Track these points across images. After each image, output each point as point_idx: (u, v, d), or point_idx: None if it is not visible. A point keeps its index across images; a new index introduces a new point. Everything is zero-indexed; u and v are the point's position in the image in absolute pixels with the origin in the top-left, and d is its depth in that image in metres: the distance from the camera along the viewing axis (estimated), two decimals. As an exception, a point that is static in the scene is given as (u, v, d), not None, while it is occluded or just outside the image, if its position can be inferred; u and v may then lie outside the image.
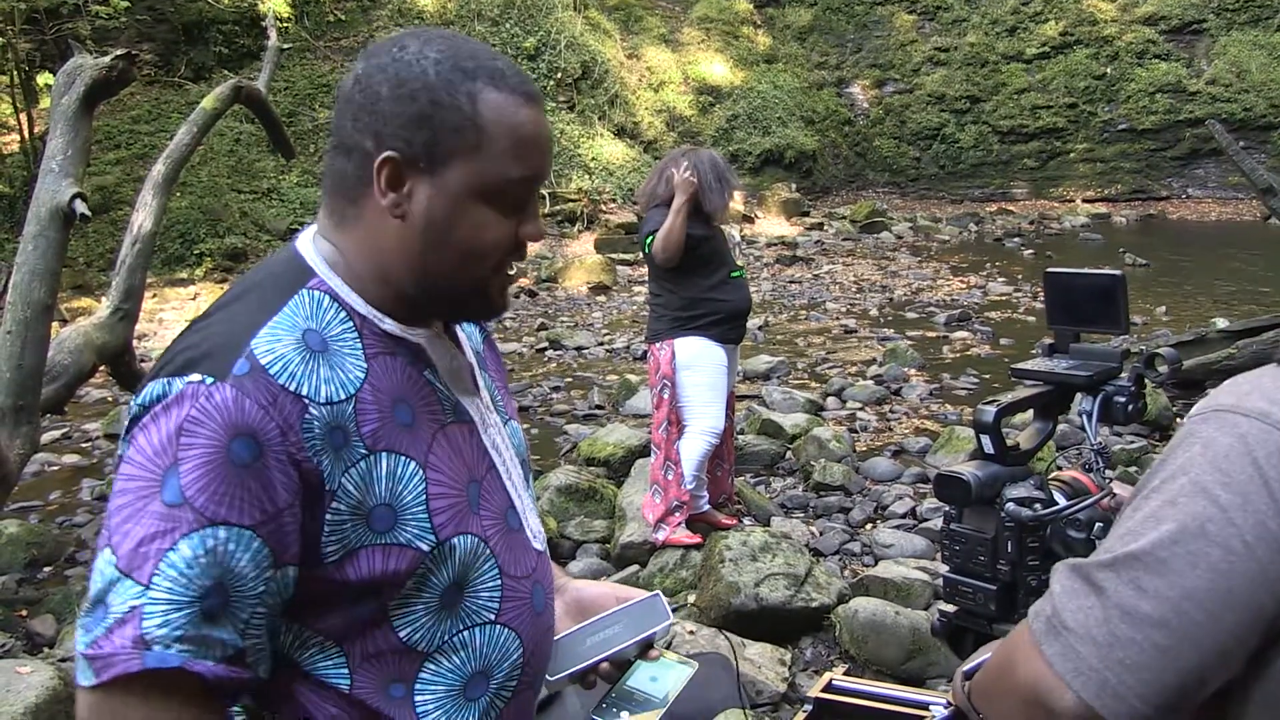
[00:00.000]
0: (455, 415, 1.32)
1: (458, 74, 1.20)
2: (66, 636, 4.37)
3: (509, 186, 1.22)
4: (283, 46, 12.87)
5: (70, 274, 13.75)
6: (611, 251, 16.86)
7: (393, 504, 1.19)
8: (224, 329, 1.17)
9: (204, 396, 1.09)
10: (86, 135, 5.55)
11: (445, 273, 1.24)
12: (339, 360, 1.19)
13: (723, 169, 4.90)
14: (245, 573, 1.08)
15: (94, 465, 7.40)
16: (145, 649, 1.03)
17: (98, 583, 1.06)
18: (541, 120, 1.26)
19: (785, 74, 24.85)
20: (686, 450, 4.82)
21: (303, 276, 1.25)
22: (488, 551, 1.29)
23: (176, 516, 1.05)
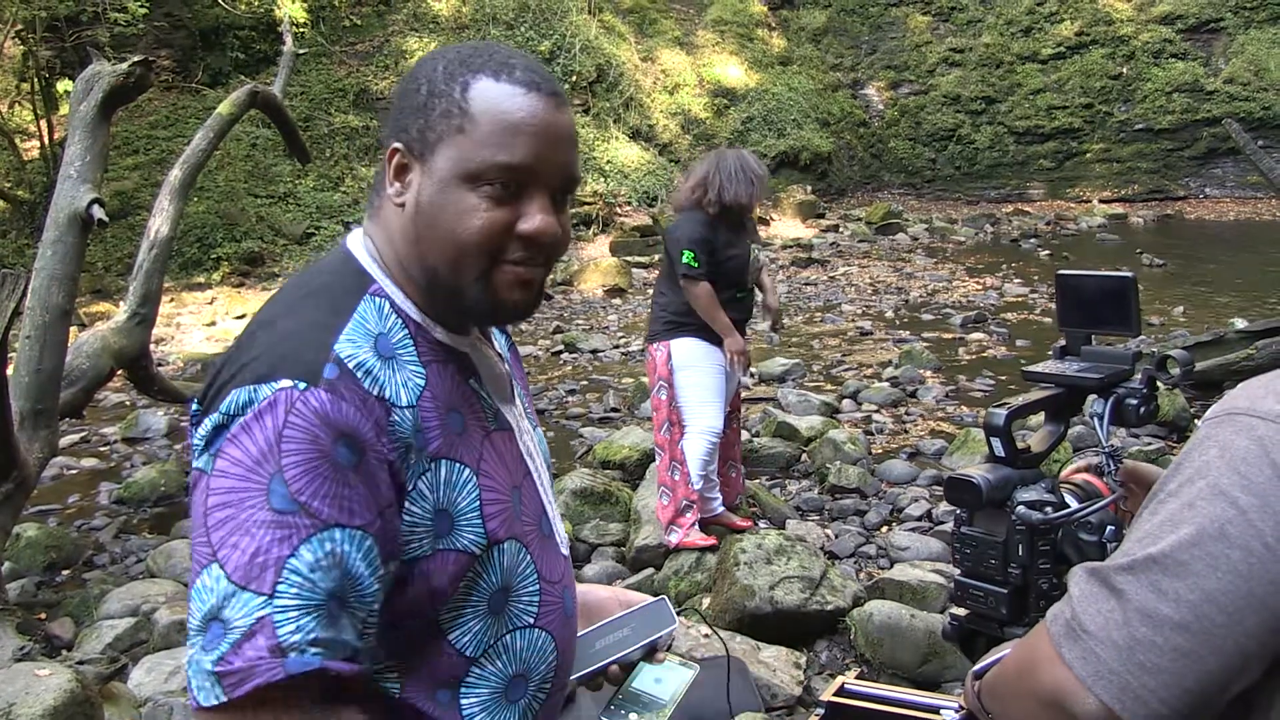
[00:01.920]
0: (497, 423, 1.33)
1: (461, 67, 1.23)
2: (84, 640, 4.40)
3: (494, 172, 1.20)
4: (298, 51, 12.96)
5: (88, 279, 13.85)
6: (627, 254, 16.87)
7: (450, 510, 1.20)
8: (299, 332, 1.16)
9: (300, 401, 1.08)
10: (104, 141, 5.59)
11: (441, 263, 1.23)
12: (402, 367, 1.20)
13: (749, 162, 4.89)
14: (361, 573, 1.09)
15: (112, 469, 7.44)
16: (284, 656, 1.01)
17: (208, 600, 1.04)
18: (544, 112, 1.23)
19: (800, 76, 24.82)
20: (689, 450, 4.82)
21: (363, 281, 1.26)
22: (528, 557, 1.31)
23: (292, 523, 1.05)
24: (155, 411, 8.48)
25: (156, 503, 6.48)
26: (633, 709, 1.43)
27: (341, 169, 18.12)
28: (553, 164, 1.24)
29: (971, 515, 1.49)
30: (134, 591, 4.82)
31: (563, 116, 1.25)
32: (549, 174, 1.24)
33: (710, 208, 4.78)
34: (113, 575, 5.34)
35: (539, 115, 1.22)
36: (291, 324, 1.18)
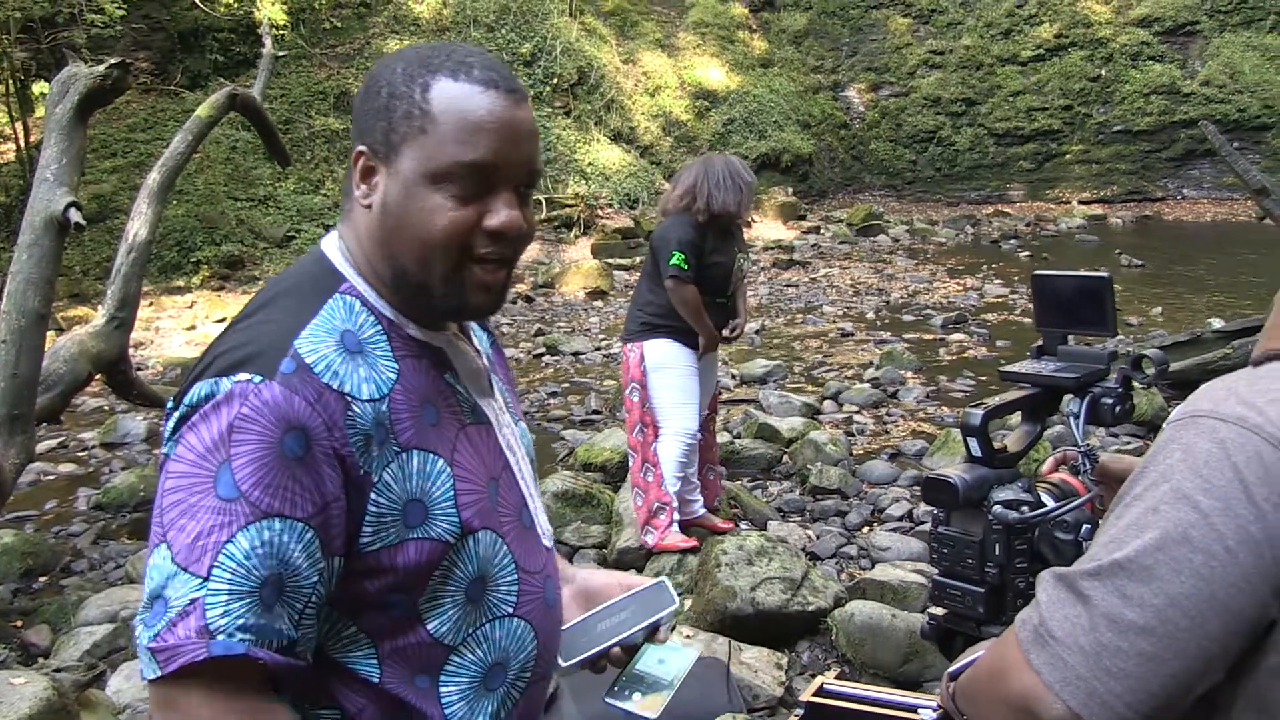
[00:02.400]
0: (474, 416, 1.38)
1: (420, 68, 1.26)
2: (62, 647, 4.36)
3: (457, 170, 1.23)
4: (278, 54, 12.92)
5: (66, 282, 13.75)
6: (608, 256, 16.85)
7: (424, 499, 1.24)
8: (266, 330, 1.21)
9: (254, 394, 1.13)
10: (81, 144, 5.56)
11: (409, 262, 1.27)
12: (373, 361, 1.25)
13: (738, 170, 4.89)
14: (299, 564, 1.13)
15: (90, 474, 7.39)
16: (210, 639, 1.07)
17: (155, 579, 1.10)
18: (503, 109, 1.25)
19: (781, 78, 24.87)
20: (663, 452, 4.81)
21: (334, 281, 1.30)
22: (506, 547, 1.34)
23: (232, 510, 1.10)
24: (134, 416, 8.43)
25: (136, 508, 6.42)
26: (637, 689, 1.46)
27: (322, 172, 18.05)
28: (515, 160, 1.26)
29: (948, 515, 1.49)
30: (113, 597, 4.78)
31: (522, 113, 1.27)
32: (512, 170, 1.27)
33: (699, 215, 4.77)
34: (91, 581, 5.30)
35: (499, 113, 1.25)
36: (260, 322, 1.24)
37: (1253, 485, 0.95)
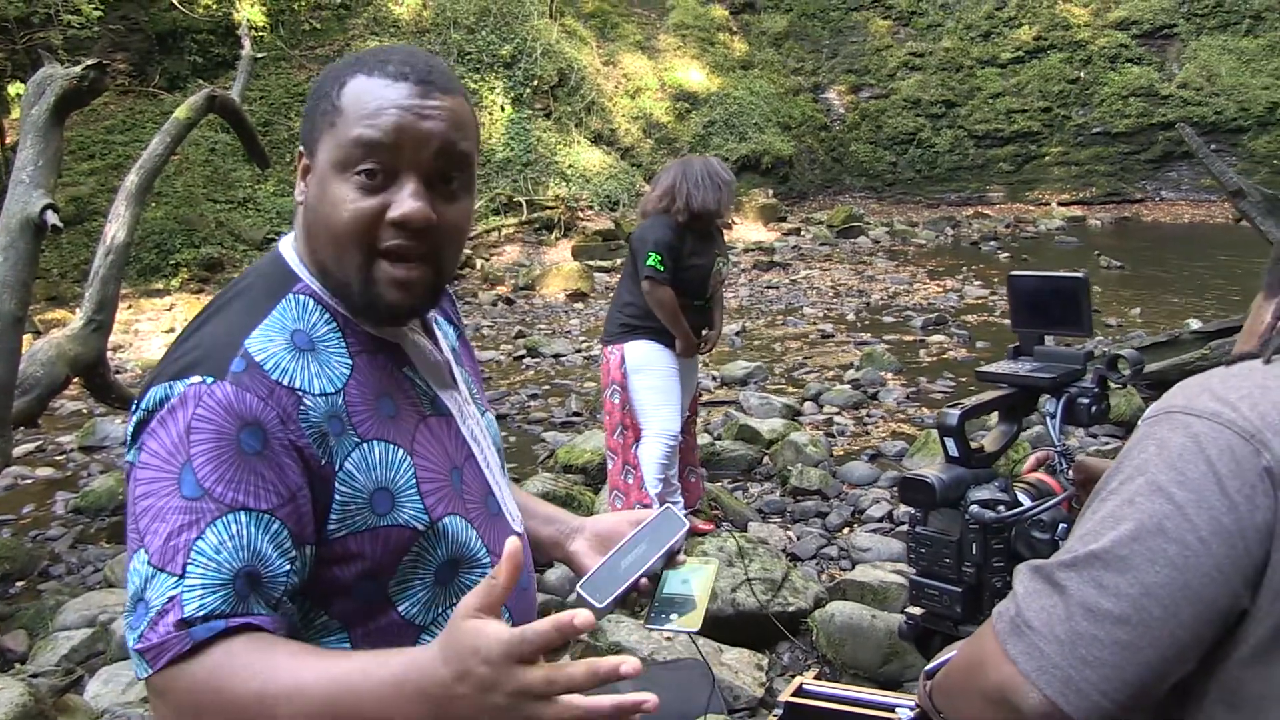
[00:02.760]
0: (434, 408, 1.40)
1: (344, 69, 1.31)
2: (39, 652, 4.33)
3: (358, 157, 1.25)
4: (257, 55, 12.85)
5: (44, 285, 13.66)
6: (589, 258, 16.85)
7: (389, 488, 1.27)
8: (218, 332, 1.25)
9: (207, 395, 1.17)
10: (58, 145, 5.52)
11: (326, 256, 1.30)
12: (325, 358, 1.28)
13: (716, 169, 4.90)
14: (269, 554, 1.16)
15: (68, 478, 7.34)
16: (189, 628, 1.09)
17: (135, 582, 1.13)
18: (406, 97, 1.25)
19: (761, 80, 24.92)
20: (644, 454, 4.81)
21: (288, 281, 1.33)
22: (474, 533, 1.37)
23: (198, 508, 1.13)
24: (113, 419, 8.37)
25: (114, 511, 6.38)
26: (672, 612, 1.50)
27: (302, 174, 17.99)
28: (418, 143, 1.26)
29: (926, 515, 1.50)
30: (91, 602, 4.75)
31: (431, 100, 1.27)
32: (415, 154, 1.26)
33: (679, 215, 4.78)
34: (69, 586, 5.26)
35: (400, 99, 1.26)
36: (214, 325, 1.27)
37: (1225, 478, 0.97)
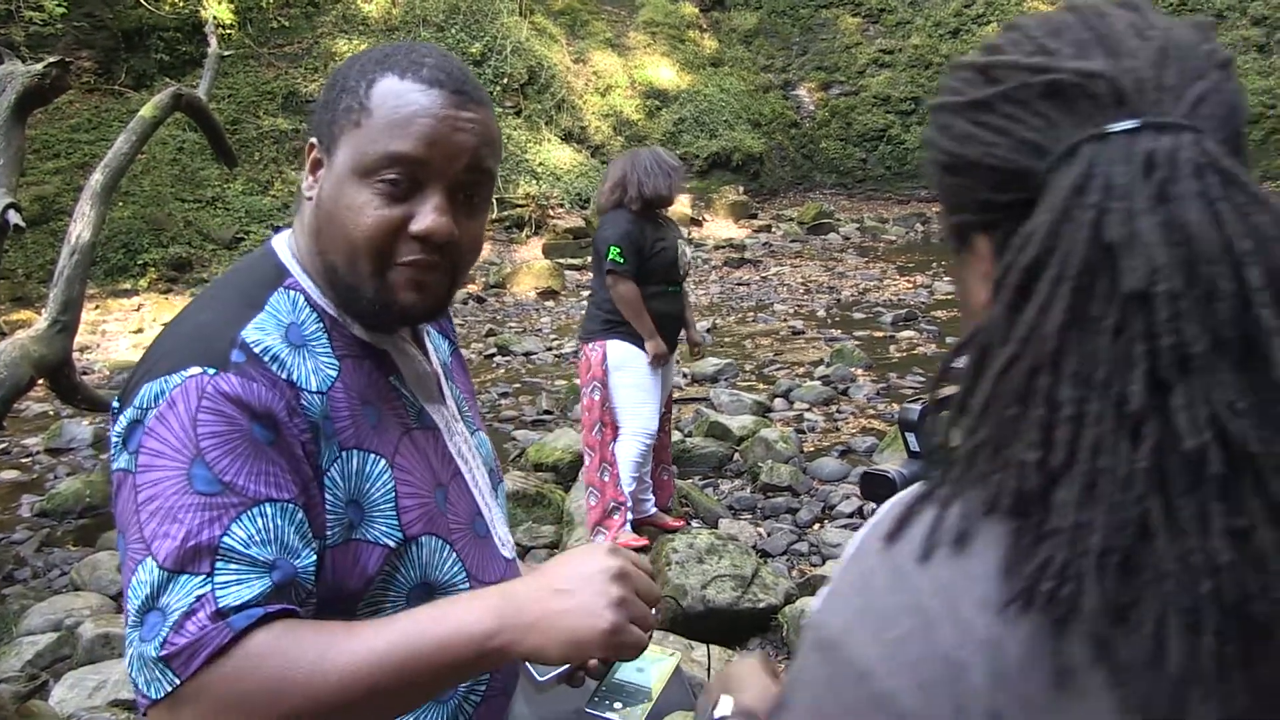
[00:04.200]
0: (420, 421, 1.34)
1: (374, 65, 1.24)
2: (3, 657, 4.29)
3: (384, 163, 1.19)
4: (224, 53, 12.76)
5: (9, 286, 13.53)
6: (560, 256, 16.85)
7: (361, 501, 1.20)
8: (210, 326, 1.17)
9: (210, 386, 1.09)
10: (19, 144, 5.48)
11: (338, 259, 1.24)
12: (314, 357, 1.21)
13: (663, 157, 4.92)
14: (297, 545, 1.09)
15: (34, 480, 7.27)
16: (227, 618, 0.99)
17: (142, 592, 1.01)
18: (441, 107, 1.21)
19: (732, 77, 24.97)
20: (621, 453, 4.83)
21: (278, 276, 1.27)
22: (455, 556, 1.30)
23: (220, 503, 1.04)
24: (79, 421, 8.30)
25: (81, 514, 6.34)
26: (617, 699, 1.43)
27: (270, 172, 17.87)
28: (448, 156, 1.21)
29: (886, 510, 1.51)
30: (57, 605, 4.72)
31: (465, 112, 1.23)
32: (444, 167, 1.22)
33: (632, 205, 4.79)
34: (34, 589, 5.22)
35: (434, 109, 1.21)
36: (204, 317, 1.20)
37: None
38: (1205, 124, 0.72)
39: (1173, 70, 0.74)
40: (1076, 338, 0.69)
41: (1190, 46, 0.76)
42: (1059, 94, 0.75)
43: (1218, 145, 0.71)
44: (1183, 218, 0.68)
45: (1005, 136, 0.77)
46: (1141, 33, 0.76)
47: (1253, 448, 0.65)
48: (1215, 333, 0.66)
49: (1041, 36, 0.80)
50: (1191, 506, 0.65)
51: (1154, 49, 0.75)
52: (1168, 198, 0.69)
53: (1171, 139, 0.70)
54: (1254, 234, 0.67)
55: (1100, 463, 0.67)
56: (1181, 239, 0.67)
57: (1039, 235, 0.72)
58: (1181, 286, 0.66)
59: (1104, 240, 0.69)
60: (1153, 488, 0.66)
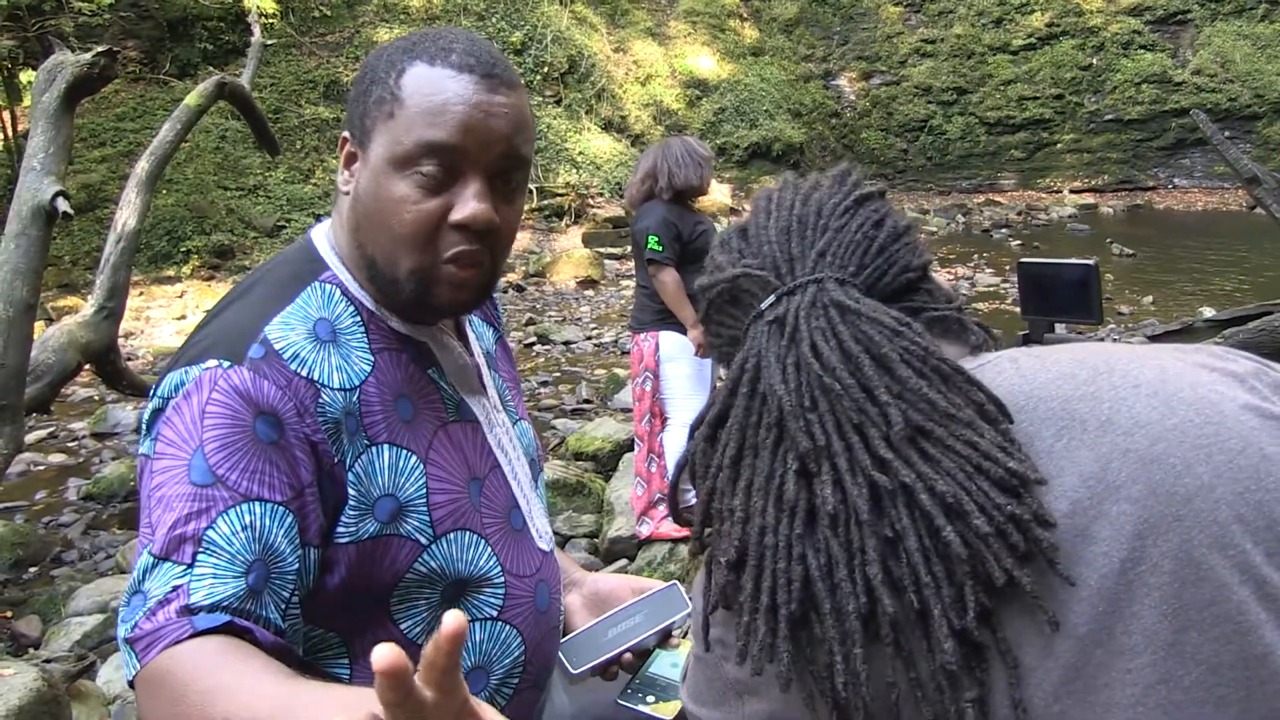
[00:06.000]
0: (458, 415, 1.33)
1: (402, 53, 1.22)
2: (52, 638, 4.36)
3: (420, 153, 1.18)
4: (267, 42, 12.84)
5: (56, 272, 13.70)
6: (599, 245, 16.84)
7: (396, 495, 1.20)
8: (238, 317, 1.19)
9: (222, 379, 1.11)
10: (68, 133, 5.53)
11: (378, 254, 1.23)
12: (346, 352, 1.21)
13: (694, 146, 4.89)
14: (282, 548, 1.08)
15: (80, 465, 7.37)
16: (192, 616, 1.00)
17: (135, 575, 1.04)
18: (474, 92, 1.19)
19: (772, 67, 24.84)
20: (670, 443, 4.82)
21: (316, 269, 1.27)
22: (489, 549, 1.29)
23: (210, 495, 1.05)
24: (124, 406, 8.40)
25: (126, 498, 6.41)
26: (650, 692, 1.44)
27: (312, 161, 17.99)
28: (485, 143, 1.20)
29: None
30: (103, 588, 4.78)
31: (499, 96, 1.21)
32: (481, 154, 1.20)
33: (663, 195, 4.77)
34: (81, 572, 5.29)
35: (468, 95, 1.19)
36: (235, 311, 1.21)
37: None
38: (829, 270, 0.95)
39: (795, 242, 0.98)
40: (748, 462, 0.92)
41: (814, 211, 1.01)
42: (731, 297, 1.00)
43: (838, 284, 0.94)
44: (805, 354, 0.89)
45: (719, 334, 1.04)
46: (773, 222, 1.02)
47: (906, 482, 0.83)
48: (846, 424, 0.86)
49: (714, 259, 1.05)
50: (840, 548, 0.85)
51: (780, 230, 1.00)
52: (796, 341, 0.91)
53: (799, 297, 0.94)
54: (862, 340, 0.89)
55: (765, 542, 0.88)
56: (806, 369, 0.89)
57: (720, 396, 0.96)
58: (807, 403, 0.88)
59: (758, 391, 0.92)
60: (808, 547, 0.86)
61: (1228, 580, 0.80)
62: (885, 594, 0.83)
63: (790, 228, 1.00)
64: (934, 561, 0.82)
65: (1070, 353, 0.96)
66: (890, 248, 1.00)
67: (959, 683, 0.82)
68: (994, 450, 0.84)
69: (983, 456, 0.84)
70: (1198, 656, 0.79)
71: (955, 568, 0.82)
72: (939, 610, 0.82)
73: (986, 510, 0.82)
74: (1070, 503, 0.84)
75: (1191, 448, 0.84)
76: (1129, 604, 0.80)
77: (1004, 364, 0.97)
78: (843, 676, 0.84)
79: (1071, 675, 0.81)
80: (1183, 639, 0.80)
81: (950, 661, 0.81)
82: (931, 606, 0.82)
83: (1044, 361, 0.95)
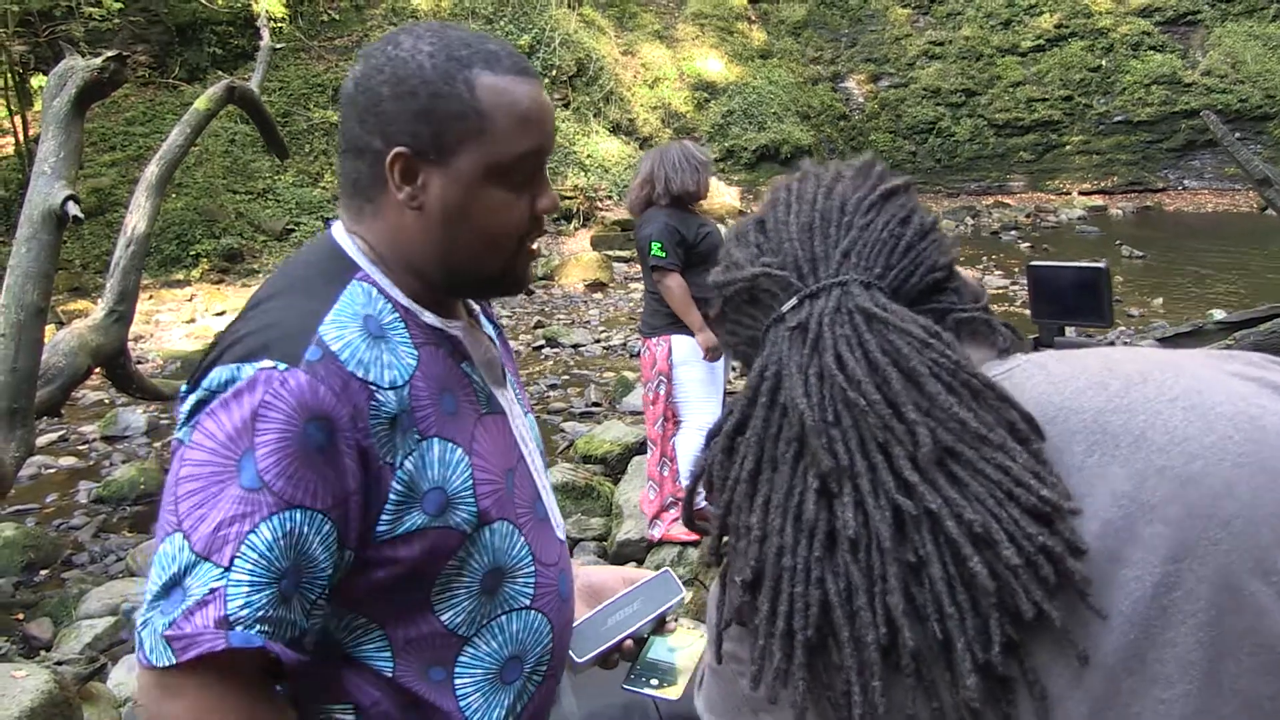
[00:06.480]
0: (490, 406, 1.36)
1: (453, 63, 1.23)
2: (63, 640, 4.37)
3: (516, 164, 1.25)
4: (276, 46, 12.89)
5: (67, 276, 13.75)
6: (608, 248, 16.84)
7: (444, 488, 1.22)
8: (288, 315, 1.19)
9: (278, 382, 1.11)
10: (78, 137, 5.55)
11: (470, 257, 1.28)
12: (394, 348, 1.23)
13: (690, 151, 4.88)
14: (317, 555, 1.12)
15: (91, 468, 7.40)
16: (229, 629, 1.05)
17: (170, 568, 1.07)
18: (538, 94, 1.28)
19: (780, 69, 24.83)
20: (683, 446, 4.82)
21: (349, 268, 1.27)
22: (523, 539, 1.33)
23: (255, 500, 1.07)
24: (134, 409, 8.43)
25: (136, 501, 6.44)
26: (652, 676, 1.49)
27: (321, 164, 18.03)
28: (550, 141, 1.31)
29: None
30: (113, 590, 4.79)
31: (544, 92, 1.31)
32: (549, 148, 1.32)
33: (660, 200, 4.77)
34: (92, 574, 5.31)
35: (538, 99, 1.28)
36: (280, 306, 1.21)
37: None
38: (854, 271, 0.92)
39: (818, 240, 0.94)
40: (767, 476, 0.89)
41: (837, 207, 0.96)
42: (750, 297, 0.96)
43: (863, 287, 0.90)
44: (829, 364, 0.86)
45: (736, 333, 1.00)
46: (793, 217, 0.97)
47: (931, 508, 0.80)
48: (870, 442, 0.83)
49: (730, 254, 1.01)
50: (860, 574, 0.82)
51: (802, 226, 0.96)
52: (820, 350, 0.87)
53: (822, 301, 0.90)
54: (889, 351, 0.85)
55: (783, 564, 0.85)
56: (829, 380, 0.85)
57: (739, 404, 0.93)
58: (829, 419, 0.85)
59: (778, 402, 0.88)
60: (827, 571, 0.84)
61: (1269, 607, 0.76)
62: (907, 624, 0.80)
63: (813, 224, 0.96)
64: (959, 591, 0.79)
65: (1102, 359, 0.91)
66: (917, 246, 0.96)
67: (983, 716, 0.80)
68: (1026, 476, 0.80)
69: (1014, 483, 0.80)
70: (1236, 687, 0.76)
71: (981, 598, 0.79)
72: (963, 642, 0.79)
73: (1016, 540, 0.78)
74: (1101, 523, 0.80)
75: (1232, 466, 0.80)
76: (1163, 631, 0.77)
77: (1033, 370, 0.92)
78: (860, 708, 0.82)
79: (1102, 706, 0.78)
80: (1220, 669, 0.76)
81: (974, 697, 0.78)
82: (955, 638, 0.79)
83: (1074, 368, 0.90)
